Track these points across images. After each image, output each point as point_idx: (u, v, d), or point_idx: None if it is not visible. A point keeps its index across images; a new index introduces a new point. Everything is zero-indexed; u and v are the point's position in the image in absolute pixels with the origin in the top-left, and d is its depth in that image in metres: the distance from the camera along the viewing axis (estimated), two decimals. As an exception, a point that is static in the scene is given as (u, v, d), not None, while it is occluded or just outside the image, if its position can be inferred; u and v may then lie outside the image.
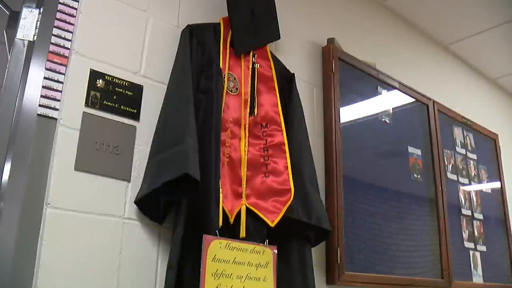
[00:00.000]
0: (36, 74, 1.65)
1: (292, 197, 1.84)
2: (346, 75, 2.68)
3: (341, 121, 2.55)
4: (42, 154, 1.55)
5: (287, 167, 1.88)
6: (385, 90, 2.96)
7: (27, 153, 1.56)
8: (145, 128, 1.74)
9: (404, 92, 3.11)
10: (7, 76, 1.68)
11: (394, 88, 3.02)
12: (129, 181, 1.67)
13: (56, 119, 1.60)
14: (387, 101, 2.97)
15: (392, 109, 2.98)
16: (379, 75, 2.91)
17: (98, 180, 1.60)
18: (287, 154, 1.91)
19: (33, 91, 1.62)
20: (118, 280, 1.57)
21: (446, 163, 3.35)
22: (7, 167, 1.60)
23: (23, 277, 1.45)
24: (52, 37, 1.66)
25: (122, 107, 1.70)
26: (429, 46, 3.74)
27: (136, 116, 1.74)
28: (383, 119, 2.88)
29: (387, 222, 2.69)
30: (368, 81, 2.87)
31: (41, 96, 1.60)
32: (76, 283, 1.50)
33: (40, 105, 1.59)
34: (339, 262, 2.27)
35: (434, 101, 3.36)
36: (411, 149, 3.04)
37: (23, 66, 1.69)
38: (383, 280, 2.52)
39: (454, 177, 3.42)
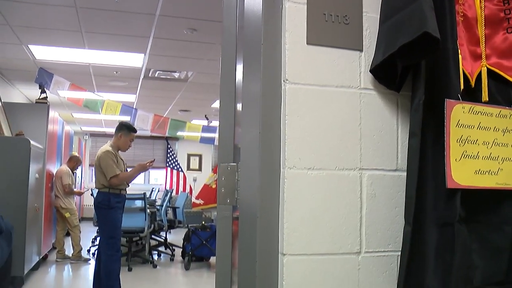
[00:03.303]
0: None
1: (544, 52, 1.62)
2: None
3: None
4: (273, 33, 1.56)
5: (534, 19, 1.66)
6: None
7: (258, 34, 1.58)
8: (372, -6, 1.65)
9: None
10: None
11: None
12: (361, 50, 1.61)
13: (281, -5, 1.59)
14: None
15: None
16: None
17: (331, 52, 1.57)
18: (533, 4, 1.67)
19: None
20: (360, 150, 1.57)
21: None
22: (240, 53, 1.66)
23: (271, 150, 1.52)
24: None
25: (344, -26, 1.63)
26: None
27: (360, -18, 1.65)
28: None
29: None
30: None
31: (263, -25, 1.60)
32: (321, 154, 1.53)
33: (263, -15, 1.59)
34: None
35: None
36: None
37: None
38: None
39: None
